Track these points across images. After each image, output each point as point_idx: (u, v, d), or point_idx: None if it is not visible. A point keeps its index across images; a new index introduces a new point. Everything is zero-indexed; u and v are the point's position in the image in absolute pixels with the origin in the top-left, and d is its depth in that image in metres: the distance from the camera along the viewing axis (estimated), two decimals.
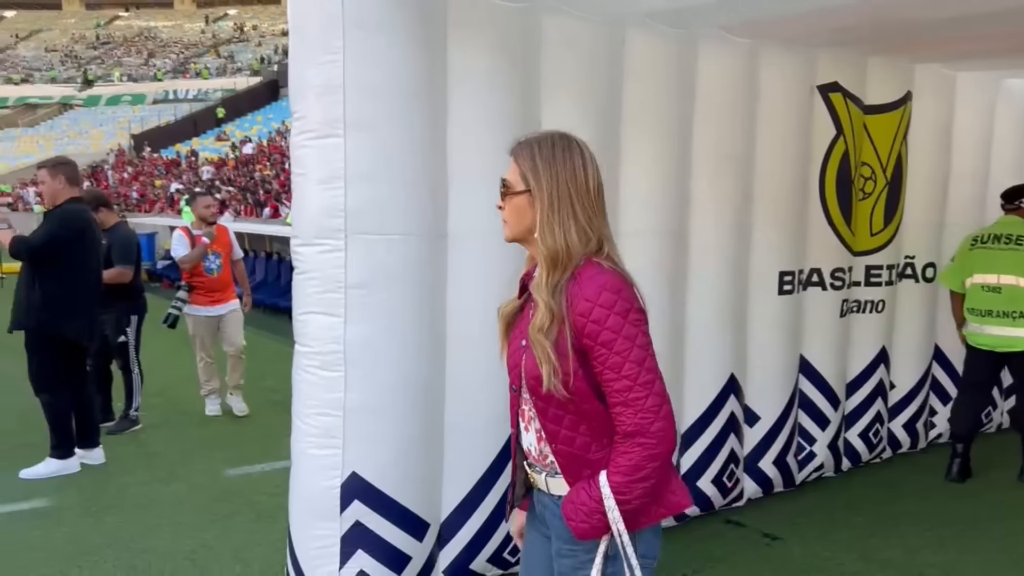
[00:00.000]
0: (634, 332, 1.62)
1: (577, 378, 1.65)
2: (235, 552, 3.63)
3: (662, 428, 1.61)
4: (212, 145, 35.63)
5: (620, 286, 1.65)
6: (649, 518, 1.71)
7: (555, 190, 1.70)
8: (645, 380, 1.62)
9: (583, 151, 1.75)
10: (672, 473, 1.76)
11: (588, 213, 1.71)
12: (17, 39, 60.19)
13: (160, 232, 17.77)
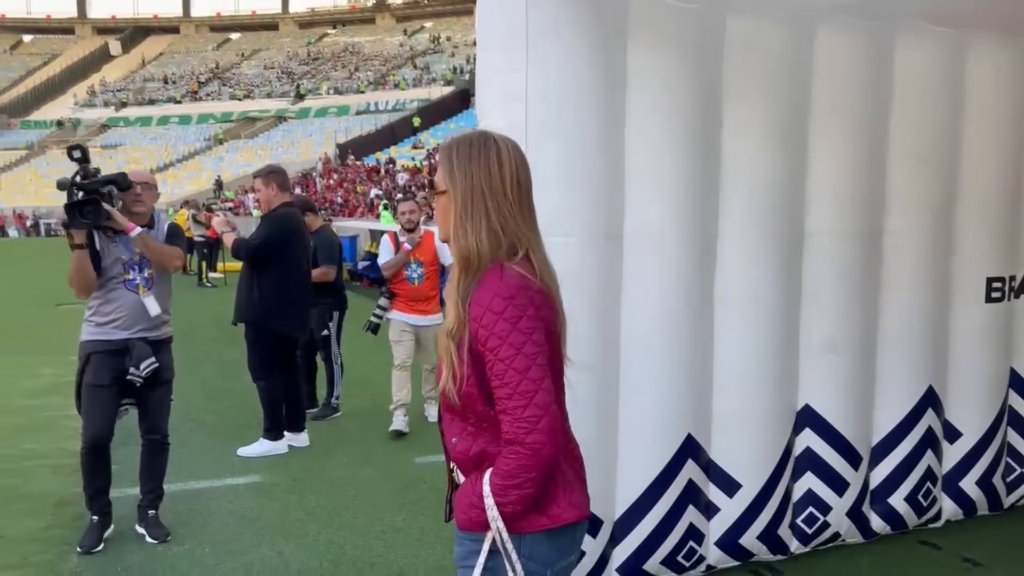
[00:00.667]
0: (521, 340, 1.58)
1: (469, 383, 1.63)
2: (421, 535, 3.86)
3: (537, 441, 1.57)
4: (408, 153, 37.63)
5: (514, 292, 1.60)
6: (530, 524, 1.66)
7: (468, 191, 1.66)
8: (525, 390, 1.58)
9: (501, 150, 1.68)
10: (564, 485, 1.70)
11: (503, 214, 1.65)
12: (242, 58, 66.46)
13: (361, 235, 18.99)
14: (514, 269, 1.63)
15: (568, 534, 1.73)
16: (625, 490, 3.21)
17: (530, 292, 1.62)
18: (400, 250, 5.62)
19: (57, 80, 64.24)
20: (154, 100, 59.14)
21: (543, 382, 1.59)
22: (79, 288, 3.71)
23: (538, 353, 1.60)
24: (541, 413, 1.58)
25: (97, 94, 61.75)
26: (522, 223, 1.68)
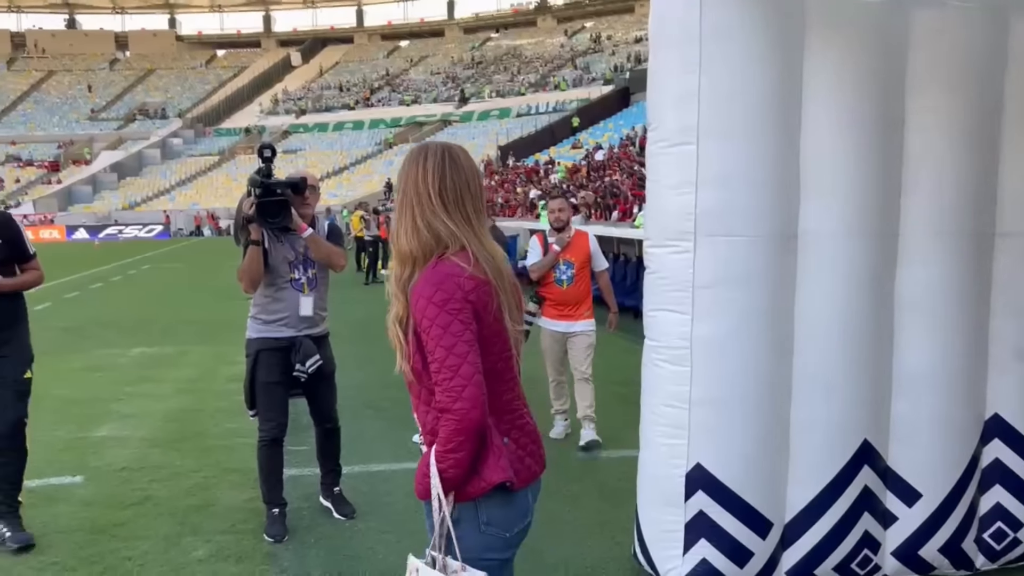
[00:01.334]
0: (448, 320, 1.79)
1: (415, 361, 1.87)
2: (587, 527, 3.97)
3: (462, 408, 1.77)
4: (568, 153, 37.89)
5: (443, 279, 1.81)
6: (474, 488, 1.84)
7: (402, 196, 1.89)
8: (451, 364, 1.78)
9: (428, 159, 1.88)
10: (491, 452, 1.85)
11: (426, 216, 1.85)
12: (410, 64, 69.33)
13: (521, 234, 19.38)
14: (449, 260, 1.85)
15: (520, 496, 1.92)
16: (797, 493, 3.17)
17: (459, 279, 1.82)
18: (549, 251, 5.31)
19: (245, 91, 69.53)
20: (330, 107, 62.78)
21: (468, 356, 1.80)
22: (249, 282, 3.82)
23: (464, 331, 1.80)
24: (465, 383, 1.79)
25: (280, 103, 66.30)
26: (449, 221, 1.86)
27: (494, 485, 1.85)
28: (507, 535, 1.91)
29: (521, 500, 1.92)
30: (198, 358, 8.54)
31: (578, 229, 5.49)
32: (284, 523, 3.92)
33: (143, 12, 79.92)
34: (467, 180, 1.91)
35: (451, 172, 1.89)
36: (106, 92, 69.80)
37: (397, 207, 1.92)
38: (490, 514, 1.88)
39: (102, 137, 62.67)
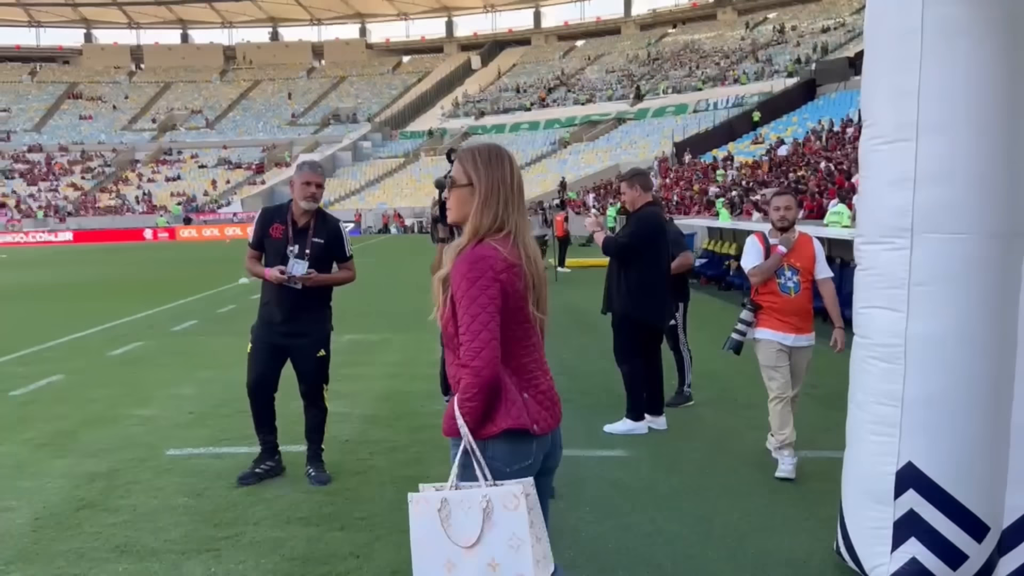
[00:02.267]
0: (476, 294, 2.16)
1: (448, 321, 2.24)
2: (783, 521, 4.00)
3: (478, 365, 2.15)
4: (747, 148, 36.79)
5: (479, 260, 2.18)
6: (488, 431, 2.21)
7: (490, 187, 2.25)
8: (473, 329, 2.15)
9: (506, 160, 2.30)
10: (510, 403, 2.23)
11: (508, 207, 2.26)
12: (586, 63, 69.73)
13: (698, 232, 19.12)
14: (487, 243, 2.23)
15: (524, 442, 2.25)
16: (1017, 498, 3.07)
17: (492, 260, 2.19)
18: (772, 253, 4.75)
19: (428, 95, 72.66)
20: (508, 108, 64.34)
21: (488, 324, 2.16)
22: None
23: (488, 304, 2.17)
24: (482, 346, 2.16)
25: (460, 105, 68.76)
26: (515, 213, 2.28)
27: (503, 430, 2.22)
28: (507, 470, 2.23)
29: (526, 446, 2.27)
30: (400, 345, 9.19)
31: (801, 232, 4.93)
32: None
33: (337, 22, 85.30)
34: (521, 179, 2.35)
35: (518, 172, 2.35)
36: (304, 99, 75.17)
37: (482, 195, 2.27)
38: (495, 450, 2.23)
39: (300, 141, 67.57)
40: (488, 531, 2.14)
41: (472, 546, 2.14)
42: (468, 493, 2.16)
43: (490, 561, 2.13)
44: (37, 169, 63.94)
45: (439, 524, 2.17)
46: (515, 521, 2.13)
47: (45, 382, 7.50)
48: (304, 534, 3.89)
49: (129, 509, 4.21)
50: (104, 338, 10.15)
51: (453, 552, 2.16)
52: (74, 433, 5.73)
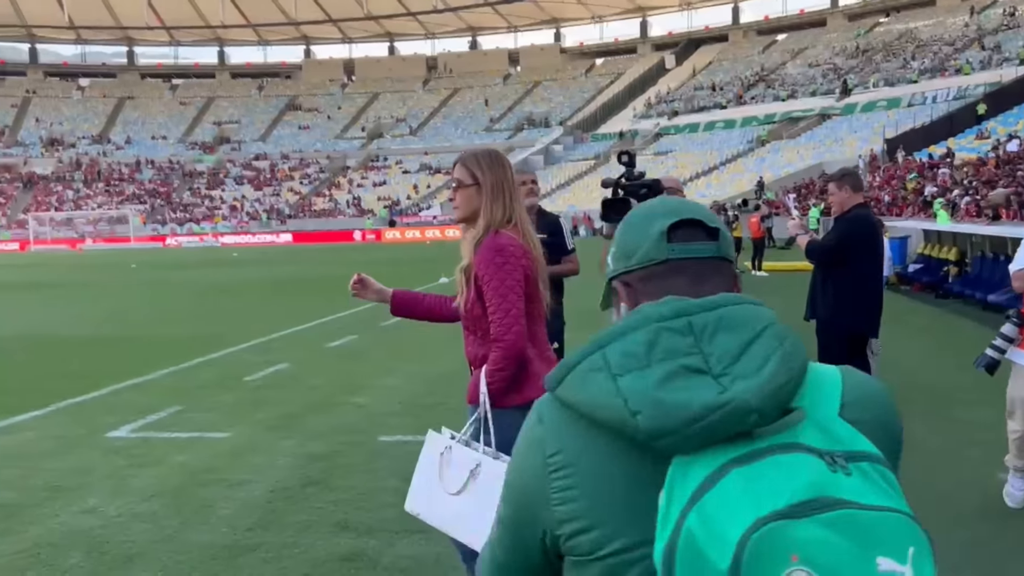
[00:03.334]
0: (502, 276, 2.48)
1: (473, 304, 2.55)
2: (1008, 551, 3.69)
3: (510, 339, 2.47)
4: (970, 144, 33.66)
5: (504, 247, 2.50)
6: (510, 401, 2.49)
7: (495, 185, 2.56)
8: (503, 307, 2.47)
9: (506, 160, 2.66)
10: (533, 376, 2.51)
11: (514, 200, 2.58)
12: (788, 57, 66.77)
13: (913, 236, 17.79)
14: (505, 233, 2.55)
15: None
16: None
17: (512, 247, 2.52)
18: None
19: (621, 96, 72.55)
20: (703, 107, 62.88)
21: (517, 303, 2.49)
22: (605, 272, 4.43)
23: (516, 285, 2.50)
24: (512, 322, 2.48)
25: (652, 106, 68.10)
26: (518, 205, 2.61)
27: (528, 400, 2.34)
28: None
29: None
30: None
31: None
32: None
33: (532, 29, 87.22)
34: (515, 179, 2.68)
35: (513, 172, 2.67)
36: (499, 105, 77.52)
37: (489, 192, 2.57)
38: (512, 419, 2.32)
39: (495, 146, 69.61)
40: (470, 490, 2.40)
41: (453, 494, 2.44)
42: (468, 452, 2.43)
43: (459, 513, 2.41)
44: (262, 175, 70.39)
45: (437, 463, 2.49)
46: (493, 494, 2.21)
47: (273, 370, 8.30)
48: None
49: (348, 488, 4.60)
50: (322, 331, 11.06)
51: (438, 492, 2.46)
52: (298, 417, 6.32)
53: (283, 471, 4.96)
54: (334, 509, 4.28)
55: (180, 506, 4.39)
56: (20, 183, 69.21)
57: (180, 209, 65.74)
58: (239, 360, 8.96)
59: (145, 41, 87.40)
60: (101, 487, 4.72)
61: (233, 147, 75.45)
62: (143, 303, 16.43)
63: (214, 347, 9.71)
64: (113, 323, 13.11)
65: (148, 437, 5.80)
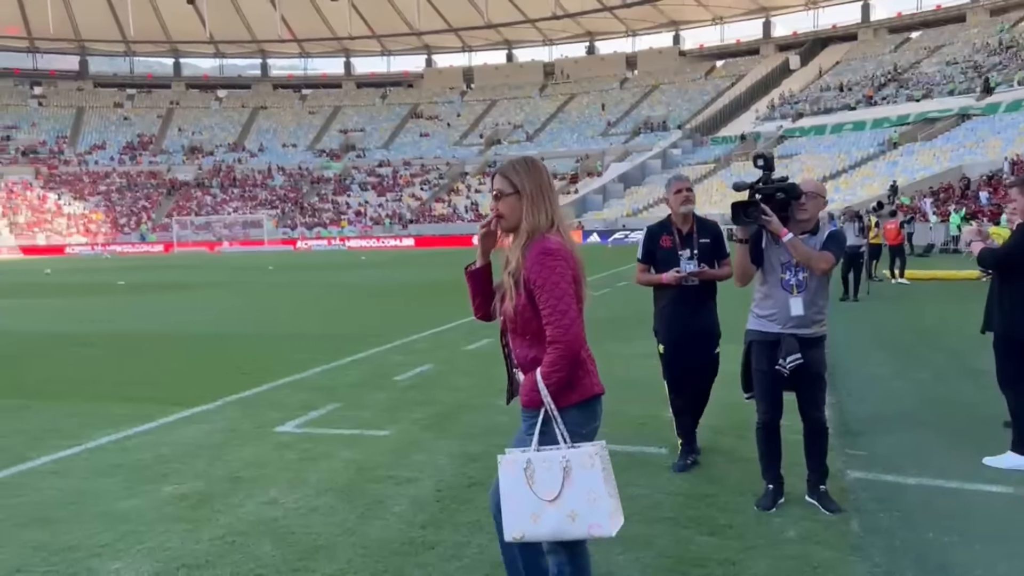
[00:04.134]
0: (556, 279, 2.52)
1: (524, 307, 2.59)
2: None
3: (569, 340, 2.51)
4: None
5: (552, 251, 2.54)
6: (568, 400, 2.58)
7: (535, 191, 2.62)
8: (560, 308, 2.51)
9: (544, 167, 2.70)
10: (586, 372, 2.63)
11: (555, 205, 2.63)
12: (924, 55, 63.38)
13: None
14: (551, 238, 2.60)
15: (592, 405, 2.67)
16: None
17: (561, 251, 2.58)
18: None
19: (742, 98, 70.73)
20: (829, 108, 60.51)
21: (572, 304, 2.55)
22: (736, 277, 4.39)
23: (568, 287, 2.56)
24: (570, 323, 2.53)
25: (775, 107, 66.05)
26: (557, 209, 2.66)
27: (585, 398, 2.64)
28: (582, 431, 2.63)
29: (594, 408, 2.71)
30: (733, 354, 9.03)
31: None
32: (773, 500, 4.32)
33: (651, 32, 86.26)
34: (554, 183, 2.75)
35: (551, 176, 2.75)
36: (616, 109, 77.06)
37: (529, 200, 2.64)
38: (571, 417, 2.62)
39: (611, 151, 69.39)
40: (568, 487, 2.51)
41: (554, 500, 2.52)
42: (549, 454, 2.54)
43: (570, 512, 2.51)
44: (385, 181, 72.58)
45: (524, 481, 2.55)
46: (592, 478, 2.52)
47: (419, 370, 8.53)
48: (673, 535, 4.03)
49: None
50: (458, 333, 11.28)
51: (537, 505, 2.54)
52: (451, 417, 6.47)
53: (446, 470, 5.08)
54: None
55: (354, 501, 4.57)
56: (164, 189, 73.94)
57: (309, 214, 68.60)
58: (385, 360, 9.26)
59: (277, 53, 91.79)
60: (278, 479, 4.97)
61: (358, 154, 78.13)
62: (286, 303, 17.23)
63: (359, 347, 10.07)
64: (263, 322, 13.80)
65: (313, 433, 6.06)
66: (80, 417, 6.69)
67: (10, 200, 69.52)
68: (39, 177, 73.30)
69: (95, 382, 8.34)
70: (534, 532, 2.57)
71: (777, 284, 4.27)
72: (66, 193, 71.92)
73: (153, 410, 6.80)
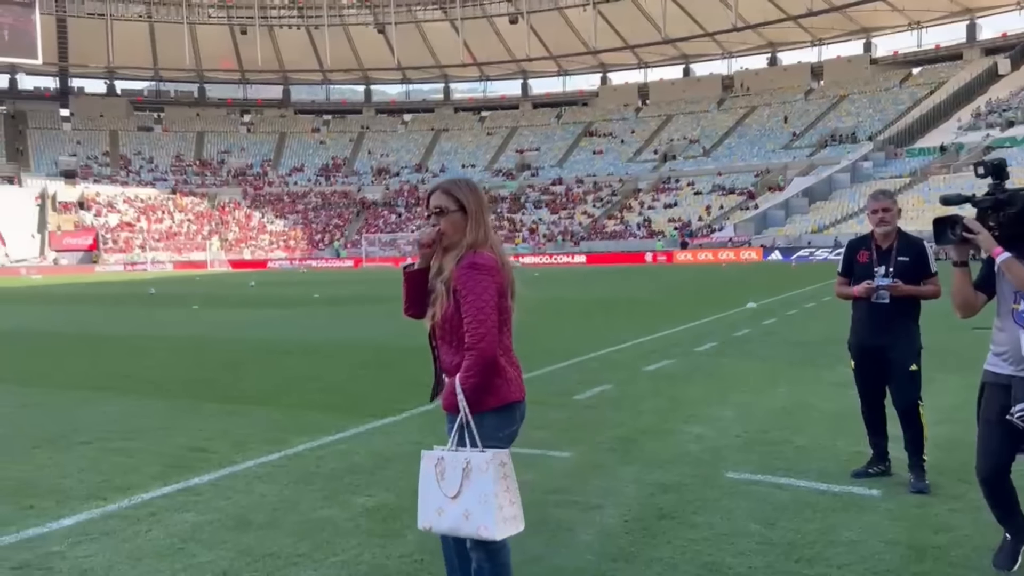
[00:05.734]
0: (479, 291, 2.81)
1: (452, 315, 2.88)
2: None
3: (483, 347, 2.79)
4: None
5: (479, 265, 2.84)
6: (486, 404, 2.87)
7: (477, 209, 2.94)
8: (479, 318, 2.80)
9: (475, 188, 3.02)
10: (504, 379, 2.90)
11: (487, 222, 2.97)
12: None
13: None
14: (484, 253, 2.86)
15: (511, 411, 2.93)
16: None
17: (489, 266, 2.83)
18: None
19: (942, 107, 65.58)
20: None
21: (491, 315, 2.79)
22: (955, 306, 3.65)
23: (490, 298, 2.80)
24: (486, 332, 2.77)
25: (981, 116, 60.67)
26: (490, 227, 2.94)
27: (503, 404, 2.87)
28: (500, 435, 2.88)
29: (512, 414, 2.93)
30: (940, 386, 8.16)
31: None
32: (1012, 551, 3.70)
33: (839, 40, 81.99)
34: None
35: (483, 196, 3.01)
36: (800, 121, 73.73)
37: (473, 217, 2.90)
38: (488, 421, 2.86)
39: (794, 165, 66.37)
40: (466, 487, 2.76)
41: (454, 497, 2.78)
42: (456, 455, 2.81)
43: (464, 511, 2.76)
44: (558, 199, 73.29)
45: (435, 477, 2.83)
46: (486, 482, 2.74)
47: (599, 389, 8.36)
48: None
49: (706, 527, 4.36)
50: (636, 353, 11.01)
51: (442, 500, 2.81)
52: (634, 441, 6.23)
53: (632, 499, 4.86)
54: (697, 549, 4.06)
55: (538, 526, 4.43)
56: (355, 208, 78.60)
57: None
58: (562, 378, 9.16)
59: (459, 77, 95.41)
60: None
61: (532, 173, 79.49)
62: None
63: (536, 364, 10.05)
64: None
65: None
66: (280, 423, 7.04)
67: (222, 218, 76.42)
68: (246, 197, 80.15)
69: (292, 390, 8.81)
70: (438, 525, 2.86)
71: (1008, 316, 3.56)
72: (269, 212, 78.12)
73: (345, 419, 7.05)
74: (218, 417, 7.42)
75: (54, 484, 5.36)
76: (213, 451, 6.16)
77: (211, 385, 9.24)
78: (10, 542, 4.33)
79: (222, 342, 13.66)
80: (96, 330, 16.41)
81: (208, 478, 5.47)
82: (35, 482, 5.42)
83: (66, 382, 9.62)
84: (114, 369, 10.67)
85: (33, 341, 14.61)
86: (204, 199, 78.85)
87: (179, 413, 7.62)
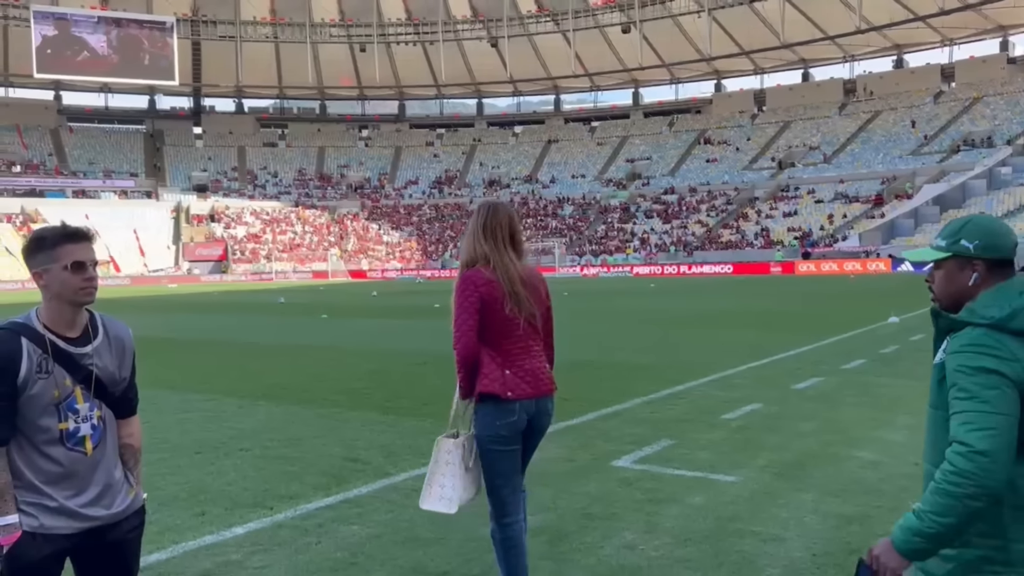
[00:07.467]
0: (460, 300, 3.32)
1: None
2: None
3: (458, 349, 3.33)
4: None
5: (467, 279, 3.33)
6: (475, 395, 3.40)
7: (472, 230, 3.43)
8: (457, 324, 3.32)
9: (481, 212, 3.47)
10: (483, 375, 3.36)
11: (479, 243, 3.38)
12: None
13: None
14: (475, 270, 3.37)
15: (505, 404, 3.34)
16: None
17: (475, 279, 3.33)
18: None
19: None
20: None
21: (469, 321, 3.30)
22: None
23: (469, 307, 3.31)
24: (460, 336, 3.32)
25: None
26: (487, 248, 3.38)
27: (479, 393, 3.38)
28: (496, 423, 3.36)
29: (507, 406, 3.34)
30: None
31: None
32: None
33: (972, 40, 77.42)
34: (499, 223, 3.41)
35: (494, 220, 3.41)
36: (929, 126, 69.95)
37: (470, 236, 3.43)
38: (485, 410, 3.40)
39: (923, 171, 62.97)
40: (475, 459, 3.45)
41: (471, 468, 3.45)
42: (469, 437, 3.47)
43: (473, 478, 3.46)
44: (670, 209, 72.04)
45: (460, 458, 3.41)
46: (431, 465, 3.45)
47: (748, 409, 7.97)
48: None
49: None
50: (780, 370, 10.51)
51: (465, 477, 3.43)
52: (801, 467, 5.86)
53: (816, 531, 4.52)
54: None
55: (720, 557, 4.19)
56: (466, 220, 79.69)
57: (595, 242, 70.05)
58: (706, 395, 8.82)
59: (569, 88, 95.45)
60: (630, 521, 4.74)
61: (644, 182, 78.50)
62: (589, 329, 17.36)
63: (676, 379, 9.74)
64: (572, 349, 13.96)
65: (652, 471, 5.80)
66: (426, 433, 7.02)
67: (342, 229, 79.02)
68: (364, 209, 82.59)
69: (433, 400, 8.81)
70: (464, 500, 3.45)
71: None
72: (385, 223, 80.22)
73: None
74: (368, 427, 7.48)
75: (221, 491, 5.47)
76: (366, 461, 6.18)
77: (357, 395, 9.33)
78: (191, 548, 4.41)
79: (359, 353, 13.92)
80: (237, 337, 17.07)
81: (366, 490, 5.47)
82: (204, 488, 5.55)
83: (225, 388, 9.95)
84: (265, 377, 10.98)
85: (187, 349, 15.30)
86: (324, 211, 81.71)
87: (331, 422, 7.73)
